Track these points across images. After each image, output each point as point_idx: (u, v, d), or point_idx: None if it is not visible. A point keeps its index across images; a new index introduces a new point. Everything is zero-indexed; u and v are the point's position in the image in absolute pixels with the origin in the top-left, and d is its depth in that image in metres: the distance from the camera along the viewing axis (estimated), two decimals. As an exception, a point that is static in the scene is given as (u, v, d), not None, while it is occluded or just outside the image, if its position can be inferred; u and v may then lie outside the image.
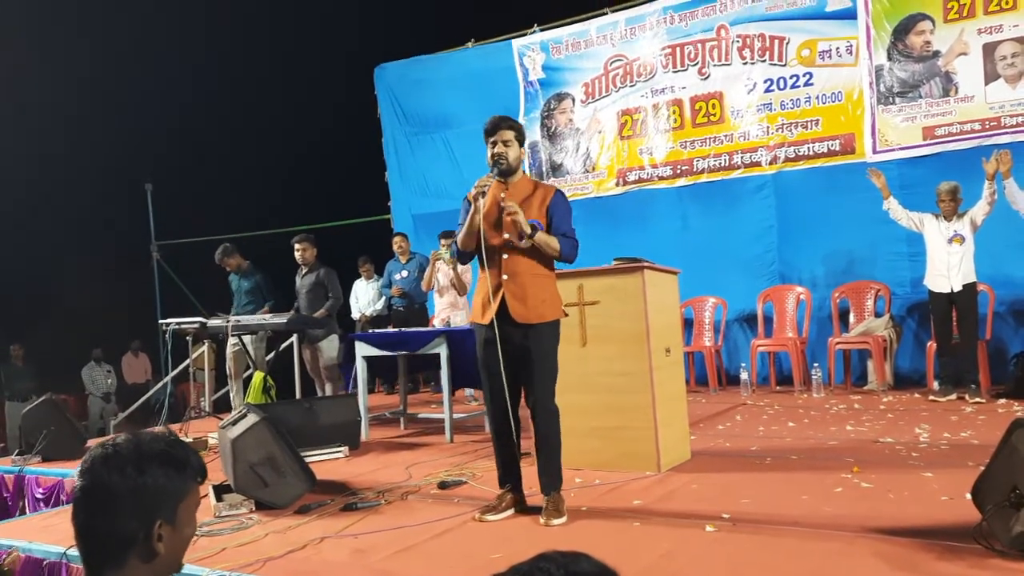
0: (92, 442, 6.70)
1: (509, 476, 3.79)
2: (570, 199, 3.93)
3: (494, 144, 3.72)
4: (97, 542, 1.48)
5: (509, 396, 3.65)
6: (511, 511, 3.72)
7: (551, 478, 3.65)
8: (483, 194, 3.65)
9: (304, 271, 7.39)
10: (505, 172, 3.73)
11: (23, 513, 5.48)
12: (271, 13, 12.53)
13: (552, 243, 3.64)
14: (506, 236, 3.65)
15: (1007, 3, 6.96)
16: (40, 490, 5.52)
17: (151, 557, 1.48)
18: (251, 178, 12.68)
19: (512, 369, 3.64)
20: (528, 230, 3.56)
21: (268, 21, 12.49)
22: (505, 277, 3.66)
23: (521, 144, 3.79)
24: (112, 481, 1.46)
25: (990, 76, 7.05)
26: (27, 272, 12.11)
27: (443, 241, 7.53)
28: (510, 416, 3.70)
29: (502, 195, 3.70)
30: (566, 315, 3.85)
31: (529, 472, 3.79)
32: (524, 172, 3.88)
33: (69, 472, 5.43)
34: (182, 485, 1.53)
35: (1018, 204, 6.08)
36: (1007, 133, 6.92)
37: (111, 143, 12.53)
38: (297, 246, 7.34)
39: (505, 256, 3.68)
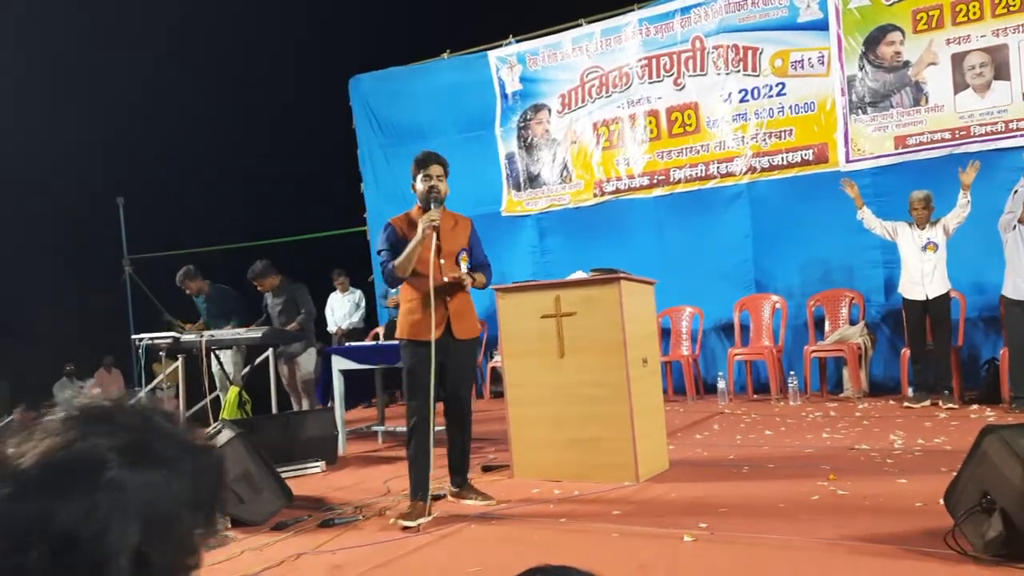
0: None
1: (425, 486, 3.92)
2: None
3: (428, 178, 4.05)
4: None
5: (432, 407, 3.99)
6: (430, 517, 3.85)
7: (467, 466, 4.27)
8: (435, 228, 3.96)
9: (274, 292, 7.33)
10: (438, 205, 4.05)
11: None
12: (244, 25, 12.46)
13: (483, 280, 4.20)
14: (442, 262, 4.03)
15: (974, 14, 7.07)
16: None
17: None
18: (225, 191, 12.56)
19: (439, 381, 4.02)
20: (472, 280, 4.06)
21: (242, 32, 12.41)
22: (448, 299, 4.06)
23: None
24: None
25: (959, 86, 7.15)
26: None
27: None
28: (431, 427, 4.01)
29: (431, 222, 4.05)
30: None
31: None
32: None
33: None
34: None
35: None
36: (976, 142, 7.02)
37: (82, 155, 12.39)
38: (255, 283, 7.28)
39: (445, 279, 4.03)
